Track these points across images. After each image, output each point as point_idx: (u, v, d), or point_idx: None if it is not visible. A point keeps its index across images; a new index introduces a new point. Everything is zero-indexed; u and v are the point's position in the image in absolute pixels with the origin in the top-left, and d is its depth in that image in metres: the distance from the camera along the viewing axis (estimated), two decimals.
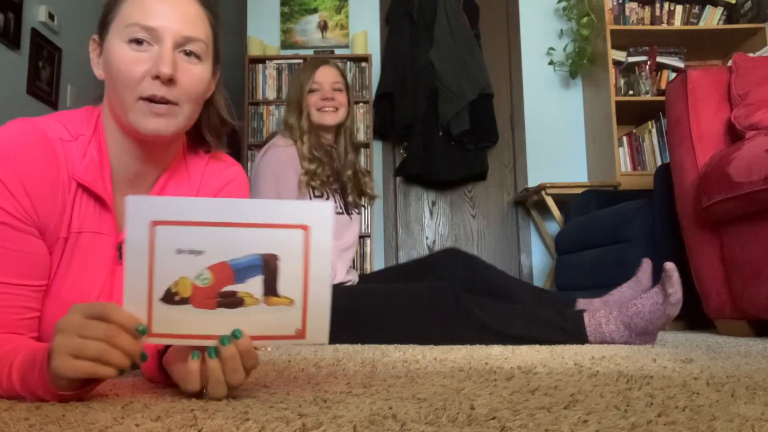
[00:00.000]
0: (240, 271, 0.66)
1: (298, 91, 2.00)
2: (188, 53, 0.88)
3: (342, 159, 2.04)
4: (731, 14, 3.51)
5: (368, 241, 3.62)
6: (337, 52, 3.86)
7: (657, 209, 2.26)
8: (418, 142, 3.56)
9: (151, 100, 0.86)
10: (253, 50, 3.76)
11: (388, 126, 3.68)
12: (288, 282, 0.67)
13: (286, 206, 0.67)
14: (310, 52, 3.85)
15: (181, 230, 0.64)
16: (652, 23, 3.54)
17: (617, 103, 3.36)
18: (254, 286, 0.67)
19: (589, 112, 3.74)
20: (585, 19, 3.53)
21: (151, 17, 0.86)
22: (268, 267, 0.66)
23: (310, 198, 1.92)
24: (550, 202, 3.28)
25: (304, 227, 0.67)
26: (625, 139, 3.49)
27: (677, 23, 3.54)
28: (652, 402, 0.62)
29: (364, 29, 3.86)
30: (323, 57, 2.80)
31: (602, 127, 3.51)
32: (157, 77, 0.85)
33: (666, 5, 3.55)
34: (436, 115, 3.55)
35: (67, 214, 0.88)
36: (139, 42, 0.86)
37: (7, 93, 2.74)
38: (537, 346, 1.48)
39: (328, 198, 1.96)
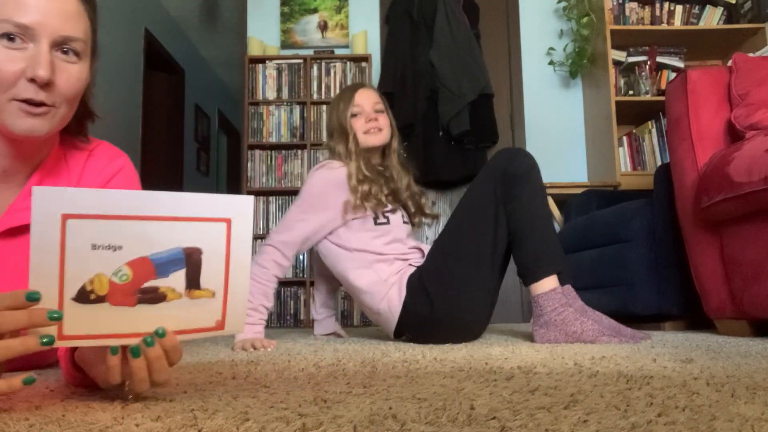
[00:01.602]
0: (162, 265, 0.64)
1: (341, 116, 1.98)
2: (66, 51, 0.82)
3: (397, 181, 2.02)
4: (731, 14, 3.51)
5: None
6: (337, 52, 3.86)
7: (657, 209, 2.25)
8: (418, 142, 3.56)
9: (26, 102, 0.80)
10: (253, 50, 3.76)
11: None
12: (210, 274, 0.66)
13: (208, 199, 0.66)
14: (310, 52, 3.85)
15: (96, 224, 0.60)
16: (652, 23, 3.54)
17: (617, 103, 3.36)
18: (177, 280, 0.65)
19: (589, 112, 3.74)
20: (585, 19, 3.53)
21: (25, 12, 0.78)
22: (191, 260, 0.65)
23: (375, 217, 1.88)
24: (550, 202, 3.28)
25: (227, 220, 0.66)
26: (625, 139, 3.49)
27: (677, 23, 3.54)
28: (652, 402, 0.62)
29: (364, 29, 3.87)
30: (359, 82, 2.76)
31: (602, 127, 3.51)
32: (32, 80, 0.79)
33: (666, 5, 3.55)
34: (436, 115, 3.55)
35: None
36: (11, 38, 0.79)
37: None
38: (537, 346, 1.48)
39: (394, 211, 1.93)
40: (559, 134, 3.83)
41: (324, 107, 3.73)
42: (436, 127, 3.57)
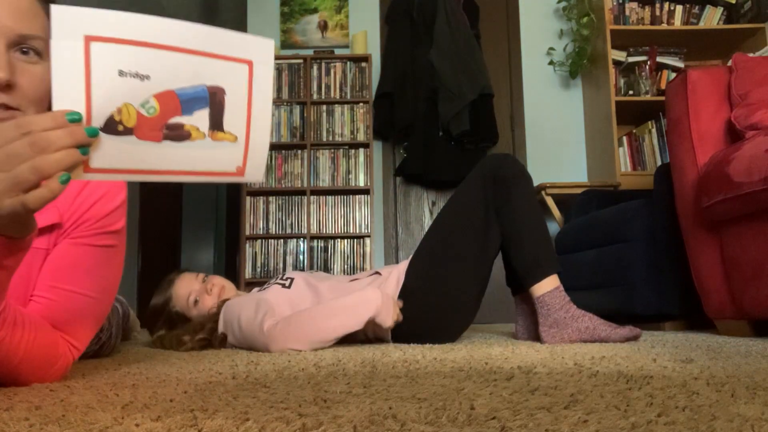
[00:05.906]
0: (187, 102, 0.62)
1: (180, 312, 1.79)
2: (25, 51, 0.79)
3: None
4: (731, 14, 3.51)
5: (368, 241, 3.62)
6: (337, 52, 3.86)
7: (657, 209, 2.25)
8: (418, 142, 3.56)
9: None
10: None
11: (388, 126, 3.68)
12: (233, 117, 0.65)
13: (230, 36, 0.64)
14: (310, 52, 3.85)
15: (122, 49, 0.57)
16: (652, 23, 3.54)
17: (617, 103, 3.37)
18: (201, 119, 0.63)
19: (589, 112, 3.74)
20: (585, 19, 3.53)
21: None
22: (215, 100, 0.64)
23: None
24: (550, 202, 3.28)
25: (249, 62, 0.65)
26: (625, 139, 3.49)
27: (677, 23, 3.54)
28: (652, 402, 0.62)
29: (364, 29, 3.87)
30: (173, 276, 1.89)
31: (602, 127, 3.51)
32: None
33: (666, 5, 3.56)
34: (436, 115, 3.55)
35: None
36: None
37: None
38: (537, 346, 1.48)
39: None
40: (559, 134, 3.83)
41: (324, 107, 3.73)
42: (436, 127, 3.57)
